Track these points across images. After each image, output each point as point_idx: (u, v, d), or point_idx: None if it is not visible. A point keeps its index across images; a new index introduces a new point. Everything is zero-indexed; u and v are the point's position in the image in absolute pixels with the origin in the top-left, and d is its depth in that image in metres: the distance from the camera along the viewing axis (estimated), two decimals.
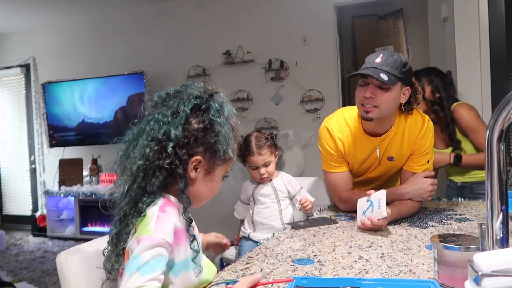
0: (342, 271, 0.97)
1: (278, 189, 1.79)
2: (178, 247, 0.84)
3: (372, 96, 1.42)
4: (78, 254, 0.96)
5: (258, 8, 4.20)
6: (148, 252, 0.77)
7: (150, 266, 0.76)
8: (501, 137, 0.58)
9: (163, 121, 0.86)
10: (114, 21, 4.89)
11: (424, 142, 1.55)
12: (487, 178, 0.60)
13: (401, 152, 1.57)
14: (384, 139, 1.56)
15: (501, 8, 2.41)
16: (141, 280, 0.74)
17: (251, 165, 1.76)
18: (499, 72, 2.42)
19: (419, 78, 2.07)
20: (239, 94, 4.27)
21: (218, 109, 0.89)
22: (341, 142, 1.61)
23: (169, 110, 0.87)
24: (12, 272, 3.59)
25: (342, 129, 1.61)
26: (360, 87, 1.48)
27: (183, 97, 0.88)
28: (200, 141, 0.87)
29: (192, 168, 0.88)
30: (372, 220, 1.30)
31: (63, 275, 0.94)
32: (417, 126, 1.55)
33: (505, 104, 0.57)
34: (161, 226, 0.81)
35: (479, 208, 1.63)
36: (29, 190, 5.51)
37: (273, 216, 1.76)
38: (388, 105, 1.44)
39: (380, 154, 1.58)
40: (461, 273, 0.79)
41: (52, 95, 4.97)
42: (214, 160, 0.90)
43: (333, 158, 1.63)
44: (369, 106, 1.44)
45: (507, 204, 0.60)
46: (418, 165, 1.57)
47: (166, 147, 0.84)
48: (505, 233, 0.60)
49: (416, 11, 4.37)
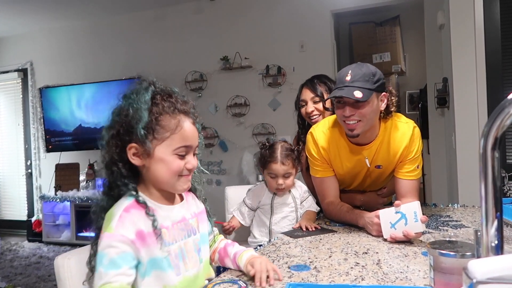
0: (338, 277, 0.97)
1: (296, 197, 1.74)
2: (144, 246, 0.85)
3: (352, 114, 1.44)
4: (75, 258, 0.98)
5: (256, 15, 4.22)
6: (111, 249, 0.80)
7: (114, 262, 0.79)
8: (495, 144, 0.59)
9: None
10: (111, 26, 4.90)
11: (412, 149, 1.54)
12: (481, 185, 0.60)
13: (388, 160, 1.57)
14: (370, 148, 1.56)
15: (496, 16, 2.44)
16: (106, 276, 0.77)
17: (271, 173, 1.67)
18: (495, 79, 2.44)
19: (315, 87, 1.91)
20: (236, 100, 4.28)
21: (131, 93, 0.92)
22: (325, 151, 1.61)
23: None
24: (7, 278, 3.56)
25: (327, 138, 1.62)
26: (338, 106, 1.48)
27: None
28: (124, 131, 0.89)
29: (132, 156, 0.90)
30: (409, 234, 1.22)
31: (60, 279, 0.96)
32: (404, 134, 1.54)
33: (499, 112, 0.57)
34: (122, 224, 0.83)
35: (475, 215, 1.64)
36: (25, 195, 5.48)
37: (291, 224, 1.71)
38: (370, 117, 1.46)
39: (369, 163, 1.58)
40: (457, 280, 0.79)
41: (49, 99, 4.97)
42: (142, 141, 0.87)
43: (318, 163, 1.64)
44: (352, 122, 1.45)
45: (501, 211, 0.60)
46: (408, 171, 1.56)
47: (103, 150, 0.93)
48: (500, 240, 0.60)
49: (413, 18, 4.41)
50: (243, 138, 4.26)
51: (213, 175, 4.38)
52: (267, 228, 1.72)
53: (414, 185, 1.57)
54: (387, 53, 4.46)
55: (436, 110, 3.33)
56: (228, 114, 4.35)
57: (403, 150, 1.54)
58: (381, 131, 1.55)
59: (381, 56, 4.49)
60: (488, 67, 2.44)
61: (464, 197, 2.45)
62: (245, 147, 4.16)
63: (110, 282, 0.77)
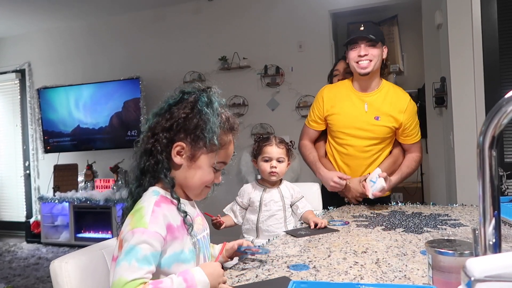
0: (337, 276, 0.97)
1: (285, 196, 1.76)
2: (172, 240, 0.88)
3: (366, 53, 1.81)
4: (72, 262, 0.93)
5: (254, 15, 4.22)
6: (146, 245, 0.81)
7: (147, 259, 0.81)
8: (492, 143, 0.59)
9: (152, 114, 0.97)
10: (110, 26, 4.90)
11: (410, 115, 1.89)
12: (479, 184, 0.60)
13: (387, 114, 1.87)
14: (373, 96, 1.90)
15: (494, 15, 2.44)
16: (141, 271, 0.79)
17: (265, 156, 1.71)
18: (492, 78, 2.44)
19: None
20: (235, 100, 4.28)
21: (206, 101, 0.94)
22: (328, 98, 1.96)
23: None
24: (5, 279, 3.55)
25: (334, 88, 2.02)
26: (352, 50, 1.86)
27: (173, 94, 0.97)
28: (183, 128, 0.92)
29: (175, 154, 0.93)
30: (375, 195, 1.77)
31: (57, 283, 0.91)
32: (402, 95, 1.92)
33: (496, 111, 0.57)
34: (155, 219, 0.85)
35: (473, 213, 1.64)
36: (23, 196, 5.46)
37: (278, 223, 1.72)
38: (378, 59, 1.85)
39: (368, 109, 1.89)
40: (456, 278, 0.79)
41: (47, 100, 4.96)
42: (197, 146, 0.93)
43: (313, 118, 2.02)
44: (365, 62, 1.82)
45: (499, 209, 0.60)
46: (412, 137, 1.93)
47: (145, 133, 0.95)
48: (497, 238, 0.60)
49: (411, 18, 4.42)
50: (242, 138, 4.24)
51: None
52: (255, 225, 1.73)
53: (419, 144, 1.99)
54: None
55: (434, 109, 3.33)
56: None
57: (400, 113, 1.87)
58: (383, 84, 1.93)
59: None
60: (485, 66, 2.44)
61: (463, 196, 2.45)
62: (243, 147, 4.15)
63: (143, 278, 0.79)
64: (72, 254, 0.97)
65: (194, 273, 0.85)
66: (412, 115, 1.90)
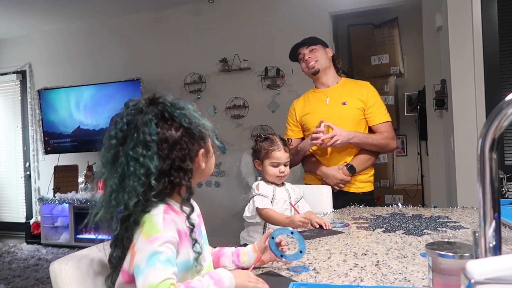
0: (337, 278, 0.97)
1: (291, 195, 1.76)
2: (182, 247, 0.88)
3: (309, 56, 2.12)
4: (72, 263, 0.93)
5: (255, 16, 4.23)
6: (167, 249, 0.82)
7: (170, 261, 0.81)
8: (493, 146, 0.59)
9: (139, 159, 0.86)
10: (110, 28, 4.90)
11: (372, 95, 2.08)
12: (479, 186, 0.60)
13: (353, 96, 2.07)
14: (334, 90, 2.13)
15: (494, 17, 2.45)
16: (166, 272, 0.79)
17: (274, 161, 1.71)
18: (493, 80, 2.44)
19: None
20: (235, 102, 4.28)
21: (172, 104, 0.92)
22: (298, 106, 2.20)
23: (139, 145, 0.87)
24: (5, 280, 3.55)
25: (300, 98, 2.26)
26: (301, 61, 2.16)
27: (139, 126, 0.88)
28: (191, 140, 0.92)
29: (201, 161, 0.96)
30: (328, 144, 1.95)
31: (57, 285, 0.91)
32: (361, 82, 2.18)
33: (497, 114, 0.57)
34: (167, 226, 0.85)
35: (474, 216, 1.64)
36: (24, 197, 5.46)
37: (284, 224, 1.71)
38: (323, 58, 2.13)
39: (330, 102, 2.10)
40: (456, 281, 0.79)
41: (48, 101, 4.96)
42: (206, 142, 0.97)
43: (289, 128, 2.23)
44: (312, 62, 2.11)
45: (499, 212, 0.60)
46: (380, 116, 2.08)
47: (150, 179, 0.86)
48: (498, 241, 0.60)
49: (411, 20, 4.42)
50: (242, 139, 4.26)
51: (212, 177, 4.37)
52: (263, 222, 1.72)
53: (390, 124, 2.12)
54: (385, 55, 4.47)
55: (435, 111, 3.33)
56: (227, 116, 4.35)
57: (363, 93, 2.07)
58: (343, 80, 2.18)
59: (380, 58, 4.50)
60: (486, 69, 2.45)
61: (463, 198, 2.45)
62: (244, 148, 4.16)
63: (170, 278, 0.79)
64: (72, 255, 0.97)
65: (218, 270, 0.89)
66: (374, 95, 2.10)
